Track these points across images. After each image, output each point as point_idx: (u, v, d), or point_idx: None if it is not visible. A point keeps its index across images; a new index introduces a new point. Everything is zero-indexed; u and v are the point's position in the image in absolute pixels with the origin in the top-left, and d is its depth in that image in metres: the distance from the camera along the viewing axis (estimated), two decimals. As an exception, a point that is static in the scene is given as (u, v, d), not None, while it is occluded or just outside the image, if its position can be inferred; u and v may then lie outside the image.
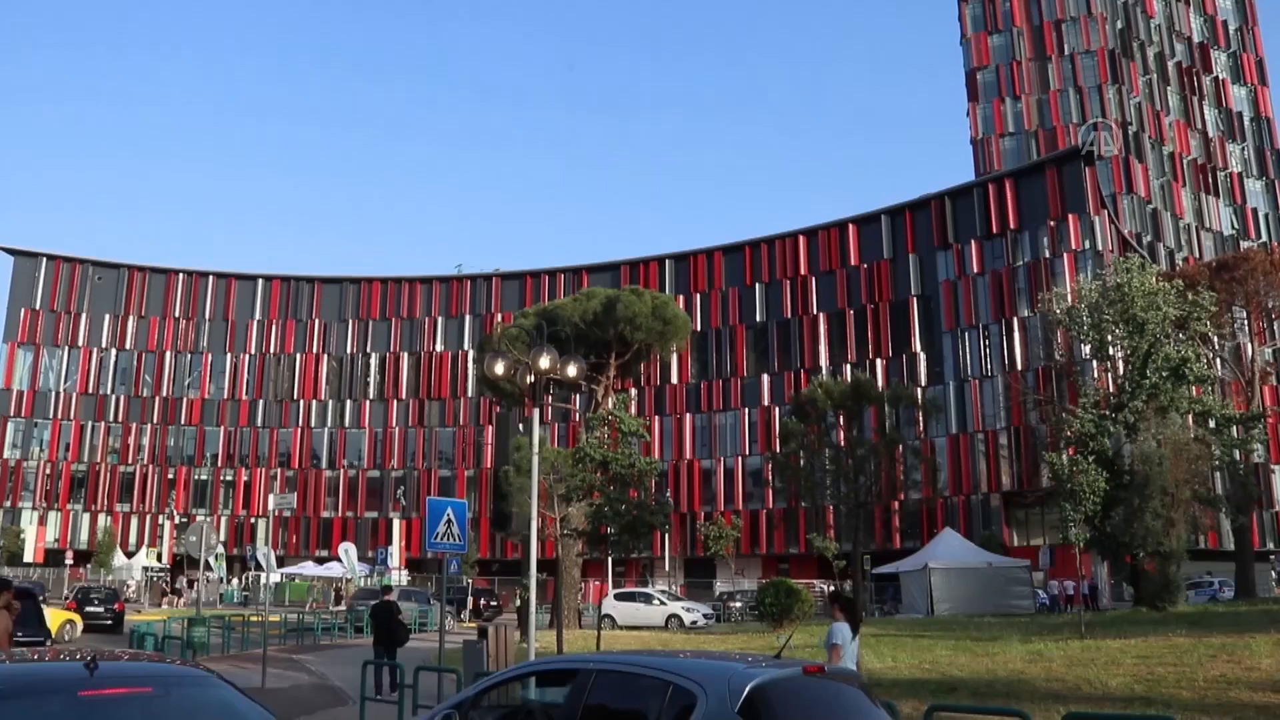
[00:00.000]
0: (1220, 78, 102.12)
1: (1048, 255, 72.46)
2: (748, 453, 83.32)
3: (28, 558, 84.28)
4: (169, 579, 79.71)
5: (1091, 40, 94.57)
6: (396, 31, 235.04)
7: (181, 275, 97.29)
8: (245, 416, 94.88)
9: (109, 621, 39.48)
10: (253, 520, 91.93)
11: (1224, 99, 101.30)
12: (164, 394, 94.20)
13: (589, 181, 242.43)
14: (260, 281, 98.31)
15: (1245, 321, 65.02)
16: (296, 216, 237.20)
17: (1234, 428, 52.16)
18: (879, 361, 79.08)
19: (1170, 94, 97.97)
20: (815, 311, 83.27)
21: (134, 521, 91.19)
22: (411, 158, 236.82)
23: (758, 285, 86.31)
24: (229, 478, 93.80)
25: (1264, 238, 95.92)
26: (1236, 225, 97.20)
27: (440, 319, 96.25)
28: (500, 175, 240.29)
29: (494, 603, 58.29)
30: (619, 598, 50.27)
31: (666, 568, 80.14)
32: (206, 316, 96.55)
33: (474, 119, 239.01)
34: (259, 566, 74.88)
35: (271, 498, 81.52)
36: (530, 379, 17.96)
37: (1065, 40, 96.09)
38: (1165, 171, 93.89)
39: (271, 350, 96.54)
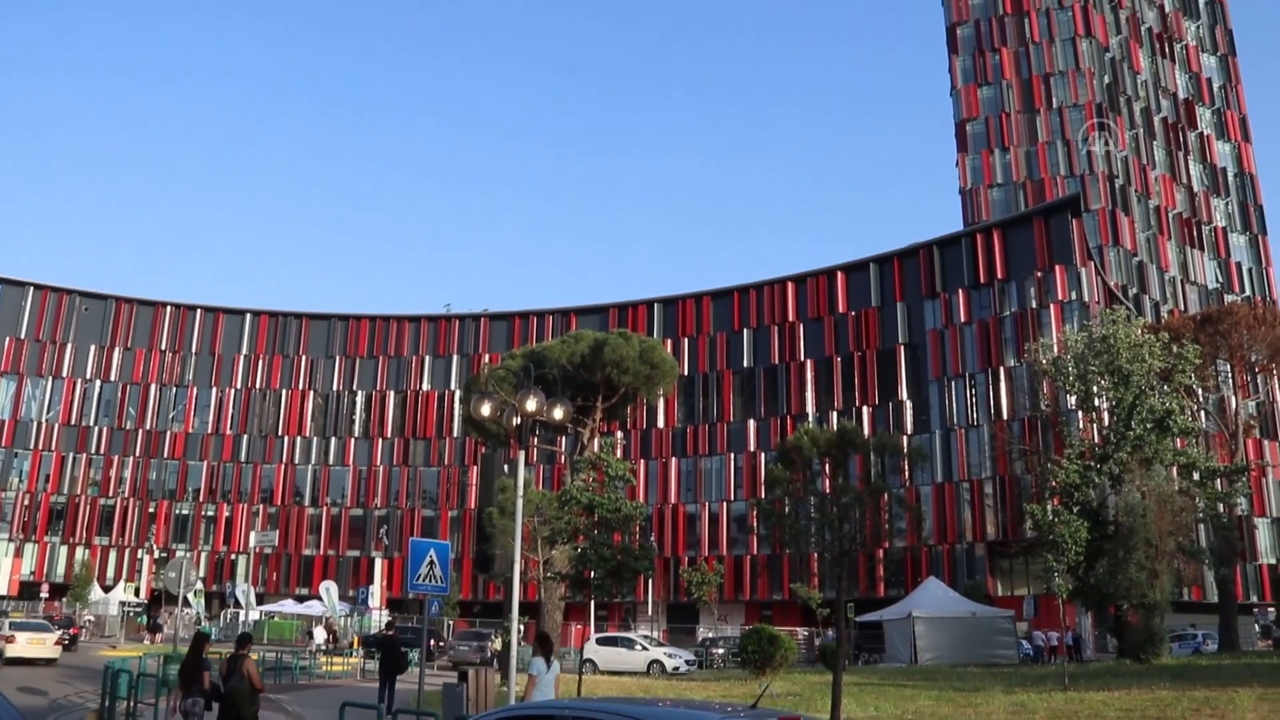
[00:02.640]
0: (1205, 133, 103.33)
1: (1034, 306, 72.83)
2: (733, 498, 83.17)
3: (1, 589, 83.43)
4: (148, 614, 78.87)
5: (1079, 94, 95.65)
6: (388, 69, 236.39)
7: (169, 308, 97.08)
8: (229, 451, 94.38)
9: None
10: (233, 556, 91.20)
11: (1209, 154, 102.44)
12: (147, 427, 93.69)
13: (579, 224, 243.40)
14: (248, 316, 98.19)
15: (1229, 375, 65.38)
16: (286, 252, 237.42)
17: (1218, 480, 52.29)
18: (866, 409, 79.21)
19: (1156, 148, 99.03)
20: (803, 358, 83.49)
21: (112, 555, 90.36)
22: (402, 196, 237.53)
23: (746, 331, 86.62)
24: (211, 513, 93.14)
25: (1247, 292, 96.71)
26: (1221, 279, 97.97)
27: (428, 358, 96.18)
28: (491, 216, 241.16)
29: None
30: (601, 642, 49.88)
31: (649, 612, 79.60)
32: (193, 350, 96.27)
33: (466, 159, 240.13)
34: (238, 603, 74.46)
35: (253, 535, 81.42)
36: (516, 421, 17.94)
37: (1053, 94, 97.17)
38: (1151, 225, 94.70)
39: (257, 385, 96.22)
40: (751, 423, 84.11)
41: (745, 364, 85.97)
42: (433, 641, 57.14)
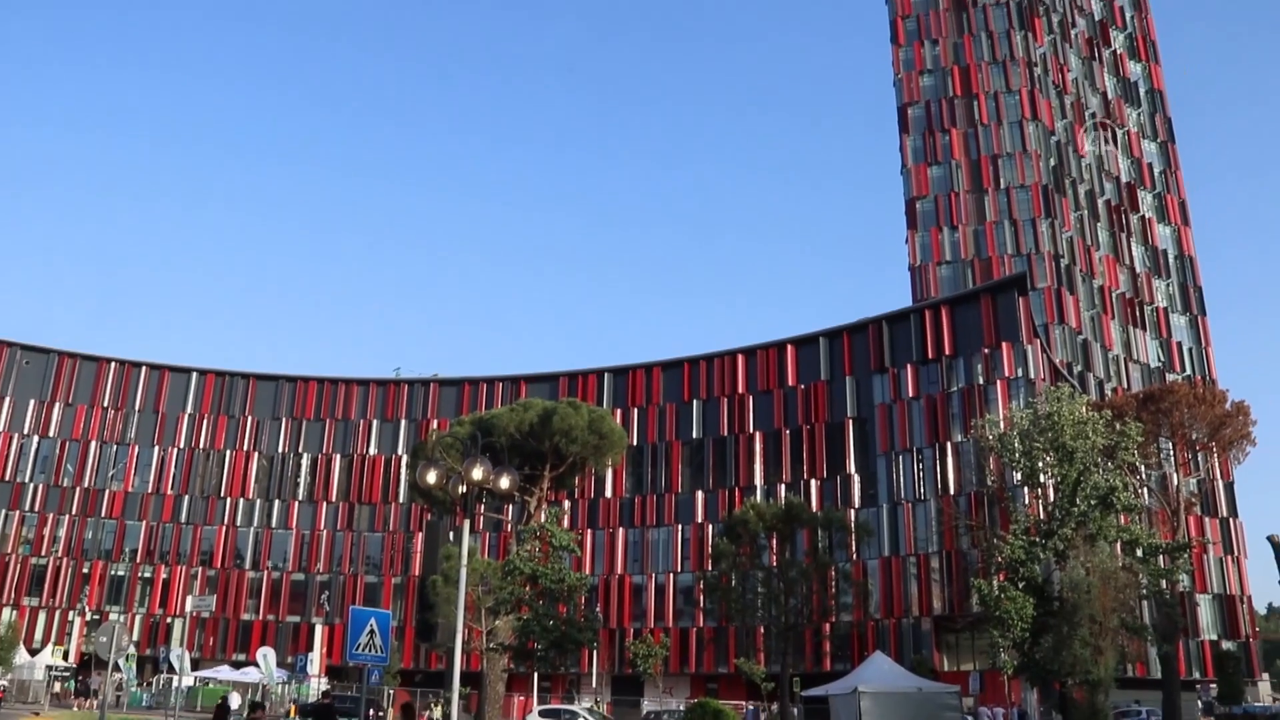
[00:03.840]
0: (1147, 216, 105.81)
1: (981, 382, 73.65)
2: (680, 569, 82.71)
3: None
4: (76, 679, 76.51)
5: (1026, 175, 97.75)
6: (339, 132, 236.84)
7: (113, 364, 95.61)
8: (169, 512, 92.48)
9: None
10: (169, 620, 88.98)
11: (1150, 237, 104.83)
12: (85, 484, 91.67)
13: (531, 292, 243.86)
14: (194, 375, 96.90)
15: (1171, 452, 66.31)
16: (235, 311, 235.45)
17: (1160, 557, 52.75)
18: (814, 482, 79.41)
19: (1100, 230, 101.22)
20: (751, 430, 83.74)
21: (41, 617, 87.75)
22: (353, 259, 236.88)
23: (695, 402, 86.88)
24: (147, 574, 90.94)
25: (1188, 371, 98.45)
26: (1163, 358, 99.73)
27: (375, 422, 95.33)
28: (442, 281, 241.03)
29: (380, 714, 56.86)
30: (544, 715, 49.16)
31: (594, 684, 78.51)
32: (136, 407, 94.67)
33: (421, 223, 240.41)
34: (171, 669, 72.40)
35: (190, 598, 79.53)
36: (462, 489, 17.74)
37: (1001, 174, 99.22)
38: (1095, 304, 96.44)
39: (201, 445, 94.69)
40: (699, 494, 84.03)
41: (694, 435, 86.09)
42: (371, 711, 55.95)
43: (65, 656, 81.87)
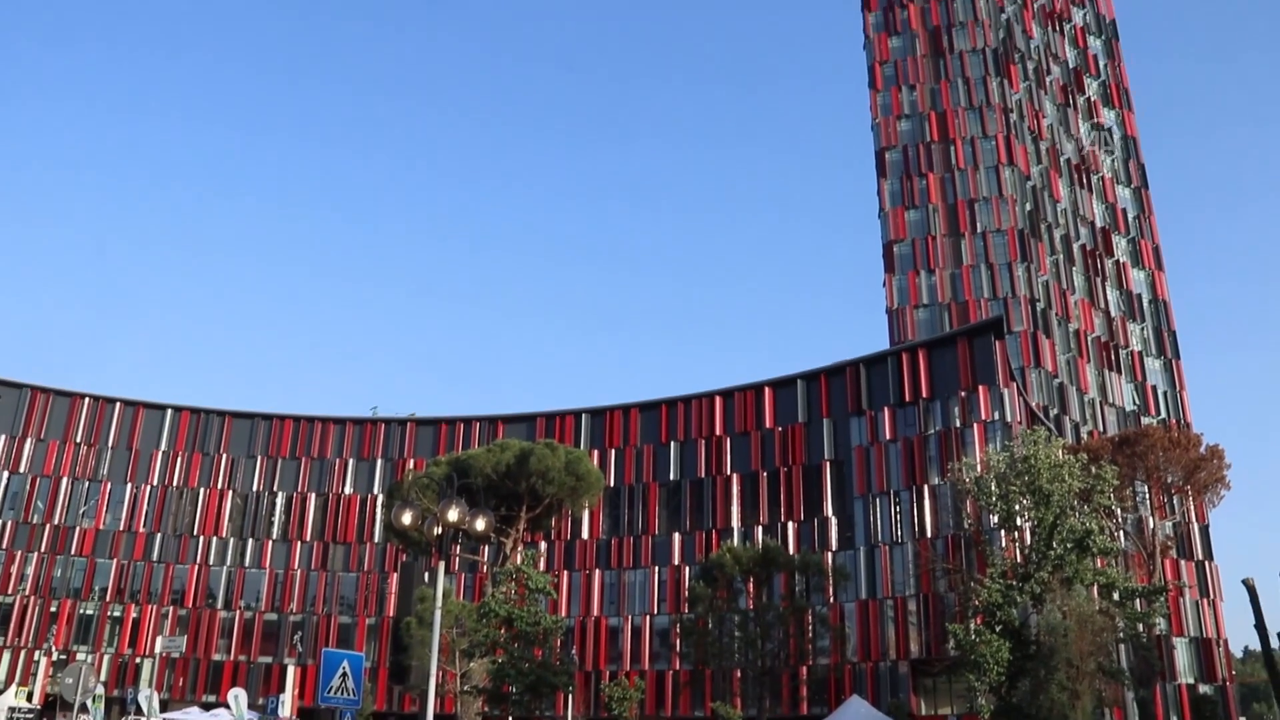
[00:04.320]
0: (1121, 261, 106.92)
1: (958, 425, 73.85)
2: (656, 611, 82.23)
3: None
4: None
5: (1002, 220, 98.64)
6: (317, 170, 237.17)
7: (87, 399, 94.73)
8: (141, 550, 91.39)
9: None
10: (138, 660, 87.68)
11: (1125, 281, 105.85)
12: (56, 521, 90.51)
13: (510, 332, 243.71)
14: (169, 412, 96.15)
15: (1146, 495, 66.67)
16: (212, 349, 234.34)
17: (1137, 600, 52.84)
18: (791, 524, 79.27)
19: (1076, 274, 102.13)
20: (729, 472, 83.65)
21: (6, 657, 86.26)
22: (332, 297, 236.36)
23: (673, 444, 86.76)
24: (117, 613, 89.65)
25: (1163, 414, 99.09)
26: (1138, 402, 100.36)
27: (351, 461, 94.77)
28: (420, 321, 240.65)
29: None
30: (518, 758, 48.47)
31: (569, 727, 77.78)
32: (109, 444, 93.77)
33: (401, 263, 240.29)
34: (139, 711, 71.21)
35: (160, 639, 78.44)
36: (438, 530, 17.62)
37: (978, 218, 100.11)
38: (1071, 348, 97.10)
39: (174, 483, 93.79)
40: (676, 536, 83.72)
41: (671, 477, 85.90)
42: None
43: (30, 698, 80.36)
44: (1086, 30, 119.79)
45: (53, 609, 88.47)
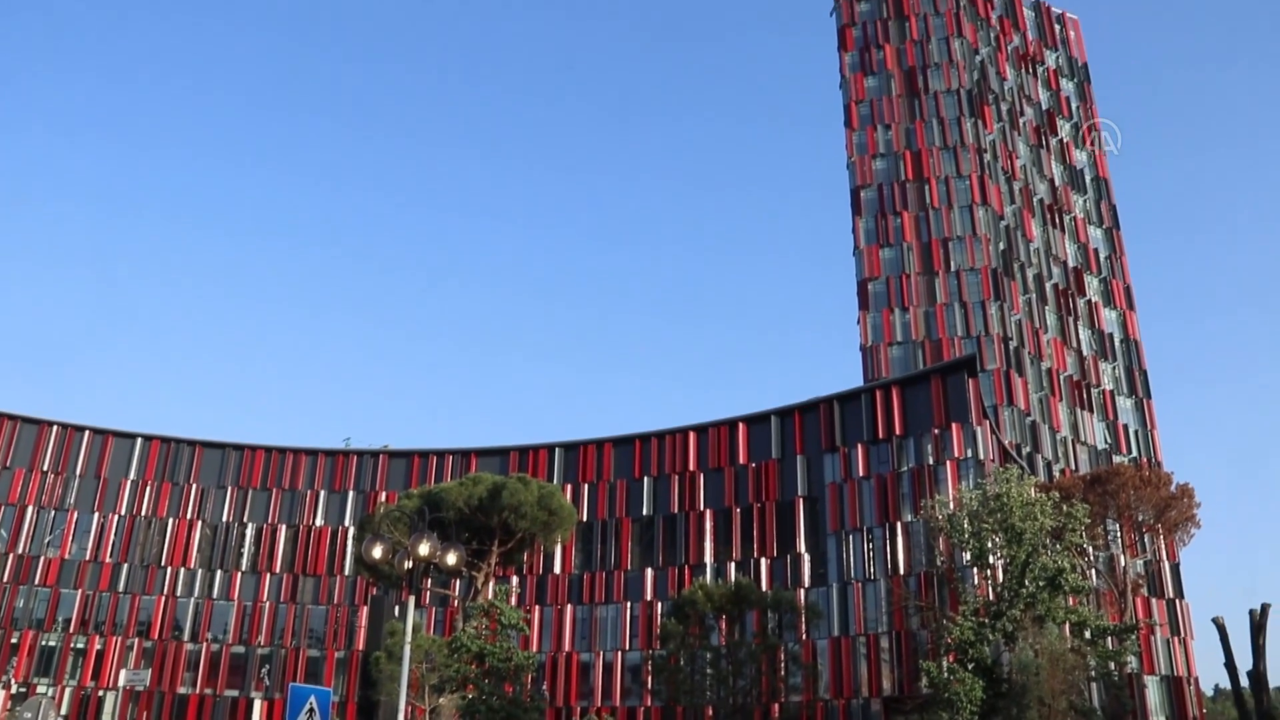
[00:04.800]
0: (1093, 300, 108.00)
1: (931, 462, 74.01)
2: (628, 647, 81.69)
3: None
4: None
5: (976, 259, 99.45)
6: (292, 198, 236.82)
7: (55, 427, 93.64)
8: (106, 580, 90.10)
9: None
10: (101, 693, 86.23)
11: (1097, 320, 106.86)
12: (19, 550, 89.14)
13: (484, 365, 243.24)
14: (139, 440, 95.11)
15: (1118, 534, 66.96)
16: (183, 378, 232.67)
17: (1108, 639, 52.95)
18: (764, 560, 79.08)
19: (1048, 313, 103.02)
20: (702, 508, 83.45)
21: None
22: (307, 328, 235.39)
23: (646, 479, 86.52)
24: (80, 645, 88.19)
25: (1134, 453, 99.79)
26: (1109, 440, 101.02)
27: (323, 492, 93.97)
28: (395, 353, 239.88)
29: None
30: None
31: (539, 763, 76.97)
32: (77, 472, 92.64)
33: (376, 296, 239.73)
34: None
35: (123, 672, 77.22)
36: (409, 565, 17.45)
37: (952, 257, 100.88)
38: (1044, 386, 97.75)
39: (143, 512, 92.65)
40: (649, 571, 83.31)
41: (644, 512, 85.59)
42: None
43: (-13, 731, 79.04)
44: (1059, 73, 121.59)
45: (14, 640, 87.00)
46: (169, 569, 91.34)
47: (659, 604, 79.53)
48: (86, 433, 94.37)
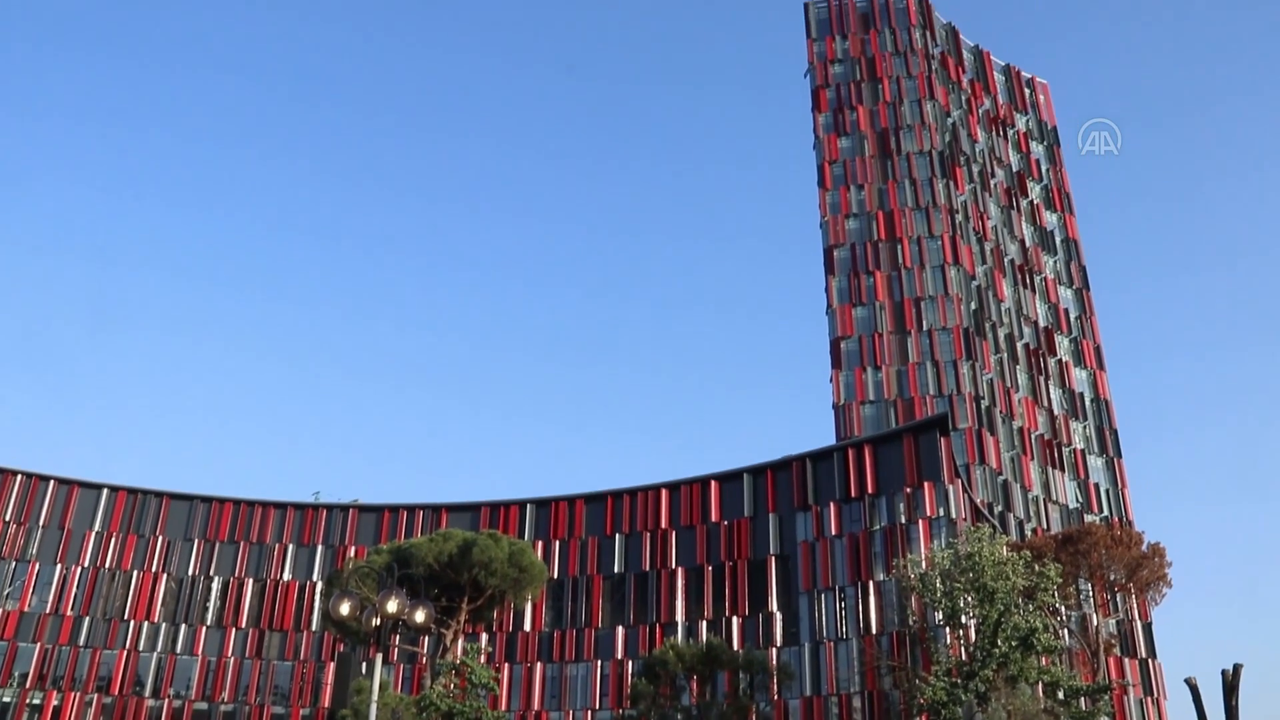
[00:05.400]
0: (1064, 360, 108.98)
1: (904, 521, 73.96)
2: (598, 706, 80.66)
3: None
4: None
5: (948, 318, 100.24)
6: (264, 247, 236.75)
7: (19, 476, 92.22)
8: (67, 634, 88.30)
9: None
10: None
11: (1067, 380, 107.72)
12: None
13: (456, 421, 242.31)
14: (105, 491, 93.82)
15: (1090, 593, 66.91)
16: (150, 429, 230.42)
17: (1082, 699, 52.73)
18: (735, 619, 78.54)
19: (1019, 372, 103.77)
20: (674, 566, 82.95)
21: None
22: (275, 381, 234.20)
23: (618, 536, 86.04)
24: (37, 700, 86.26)
25: (1106, 512, 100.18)
26: (1081, 499, 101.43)
27: (291, 546, 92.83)
28: (365, 407, 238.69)
29: None
30: None
31: (506, 825, 75.64)
32: (40, 523, 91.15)
33: (347, 348, 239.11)
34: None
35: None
36: (376, 622, 17.21)
37: (924, 316, 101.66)
38: (1015, 445, 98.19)
39: (107, 565, 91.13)
40: (620, 629, 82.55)
41: (615, 569, 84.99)
42: None
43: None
44: (1029, 136, 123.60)
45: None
46: (131, 622, 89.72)
47: (630, 663, 78.70)
48: (51, 482, 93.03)
